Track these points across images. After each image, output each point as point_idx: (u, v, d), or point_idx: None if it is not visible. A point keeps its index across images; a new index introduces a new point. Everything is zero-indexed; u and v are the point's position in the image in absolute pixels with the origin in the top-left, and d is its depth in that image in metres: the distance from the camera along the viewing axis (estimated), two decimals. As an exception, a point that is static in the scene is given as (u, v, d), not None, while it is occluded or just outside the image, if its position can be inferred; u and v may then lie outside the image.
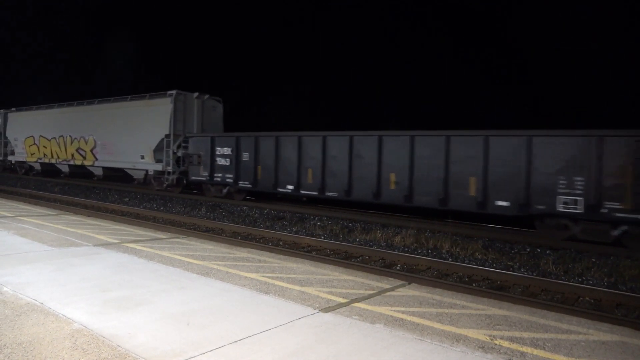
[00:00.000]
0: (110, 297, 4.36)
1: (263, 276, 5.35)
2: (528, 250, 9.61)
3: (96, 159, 21.62)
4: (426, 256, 9.00)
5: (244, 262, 6.13)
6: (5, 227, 8.15)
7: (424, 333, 3.71)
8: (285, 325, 3.78)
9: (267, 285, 4.94)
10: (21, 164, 27.69)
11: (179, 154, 17.87)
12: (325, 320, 3.95)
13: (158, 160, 18.24)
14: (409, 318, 4.06)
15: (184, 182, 18.28)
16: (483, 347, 3.47)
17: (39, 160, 25.66)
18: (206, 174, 17.03)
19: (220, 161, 16.63)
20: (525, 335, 3.76)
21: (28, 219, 9.23)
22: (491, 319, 4.13)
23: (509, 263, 8.70)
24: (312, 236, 10.86)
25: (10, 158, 28.41)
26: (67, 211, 12.54)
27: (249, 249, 7.35)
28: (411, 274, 7.70)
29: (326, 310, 4.20)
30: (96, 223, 9.39)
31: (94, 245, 6.81)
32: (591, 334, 3.86)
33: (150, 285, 4.81)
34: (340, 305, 4.37)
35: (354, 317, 4.05)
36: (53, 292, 4.46)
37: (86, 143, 22.05)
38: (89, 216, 11.40)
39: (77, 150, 22.75)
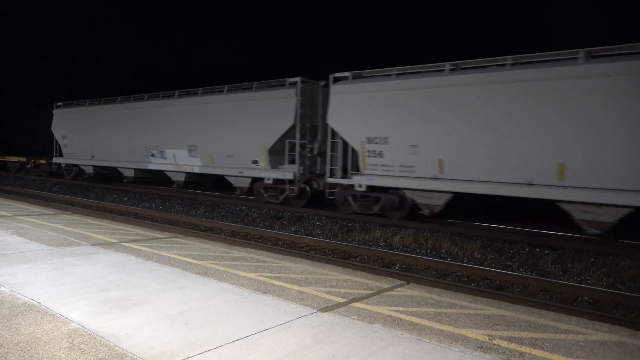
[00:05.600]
0: (108, 297, 4.34)
1: (261, 276, 5.34)
2: (527, 249, 9.61)
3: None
4: (425, 256, 9.00)
5: (243, 261, 6.12)
6: (3, 226, 8.13)
7: (422, 333, 3.70)
8: (283, 325, 3.77)
9: (266, 285, 4.93)
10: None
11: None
12: (324, 320, 3.94)
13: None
14: (408, 318, 4.05)
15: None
16: (482, 347, 3.46)
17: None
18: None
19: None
20: (524, 335, 3.76)
21: (26, 219, 9.21)
22: (490, 319, 4.12)
23: (507, 263, 8.69)
24: (311, 236, 10.85)
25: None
26: (66, 210, 12.52)
27: (248, 249, 7.34)
28: (410, 273, 7.69)
29: (325, 310, 4.19)
30: (95, 222, 9.37)
31: (92, 245, 6.79)
32: (590, 333, 3.85)
33: (149, 285, 4.79)
34: (339, 305, 4.36)
35: (352, 317, 4.04)
36: (51, 291, 4.45)
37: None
38: (87, 215, 11.38)
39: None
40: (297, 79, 14.15)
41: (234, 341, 3.41)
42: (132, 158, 20.03)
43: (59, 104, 24.66)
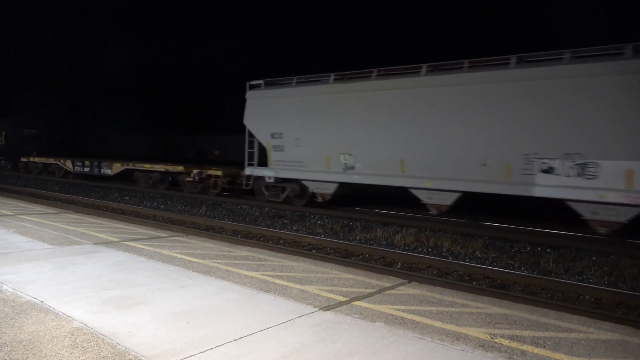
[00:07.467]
0: (110, 296, 4.35)
1: (263, 275, 5.34)
2: (528, 248, 9.61)
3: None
4: (426, 255, 9.00)
5: (244, 260, 6.13)
6: (5, 225, 8.14)
7: (424, 331, 3.70)
8: (285, 324, 3.77)
9: (267, 284, 4.94)
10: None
11: None
12: (326, 318, 3.95)
13: None
14: (409, 316, 4.05)
15: None
16: (483, 345, 3.46)
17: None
18: None
19: None
20: (526, 333, 3.76)
21: (28, 217, 9.23)
22: (491, 318, 4.13)
23: (509, 261, 8.69)
24: (313, 235, 10.85)
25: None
26: (68, 209, 12.53)
27: (249, 248, 7.35)
28: (411, 272, 7.69)
29: (326, 308, 4.20)
30: (97, 221, 9.39)
31: (94, 244, 6.80)
32: (592, 332, 3.85)
33: (150, 284, 4.80)
34: (341, 303, 4.37)
35: (354, 315, 4.04)
36: (53, 290, 4.46)
37: None
38: (89, 214, 11.40)
39: None
40: None
41: (236, 339, 3.42)
42: (468, 174, 11.04)
43: (255, 82, 15.50)
